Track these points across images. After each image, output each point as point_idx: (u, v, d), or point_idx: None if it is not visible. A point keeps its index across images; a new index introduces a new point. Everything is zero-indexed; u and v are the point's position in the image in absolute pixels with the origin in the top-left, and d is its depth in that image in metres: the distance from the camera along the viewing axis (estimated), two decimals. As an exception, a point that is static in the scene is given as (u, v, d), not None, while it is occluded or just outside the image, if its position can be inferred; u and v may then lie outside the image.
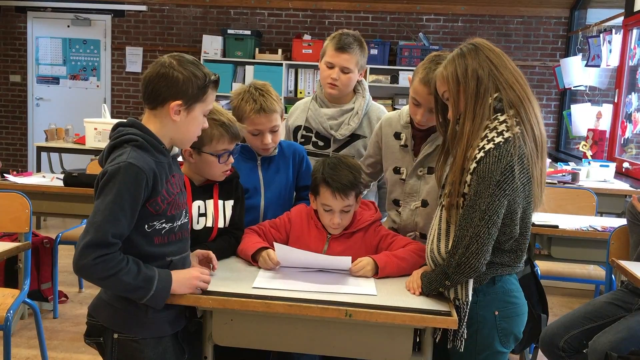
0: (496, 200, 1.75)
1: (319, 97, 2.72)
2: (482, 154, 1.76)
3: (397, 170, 2.37)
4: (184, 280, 1.81)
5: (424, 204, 2.29)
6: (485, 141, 1.78)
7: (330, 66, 2.59)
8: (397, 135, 2.38)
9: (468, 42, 1.90)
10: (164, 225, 1.78)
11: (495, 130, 1.79)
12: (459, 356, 1.90)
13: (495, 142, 1.76)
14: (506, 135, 1.77)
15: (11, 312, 2.67)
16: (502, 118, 1.81)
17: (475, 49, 1.86)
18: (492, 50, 1.87)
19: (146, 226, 1.74)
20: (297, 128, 2.74)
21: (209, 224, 2.18)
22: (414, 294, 1.91)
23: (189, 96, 1.76)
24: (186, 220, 1.90)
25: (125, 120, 1.81)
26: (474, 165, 1.77)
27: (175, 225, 1.82)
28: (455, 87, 1.86)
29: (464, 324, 1.83)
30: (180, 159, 2.07)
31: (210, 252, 2.02)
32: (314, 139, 2.71)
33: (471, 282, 1.83)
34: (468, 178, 1.79)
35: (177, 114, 1.76)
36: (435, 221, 1.93)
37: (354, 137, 2.67)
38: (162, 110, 1.77)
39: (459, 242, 1.80)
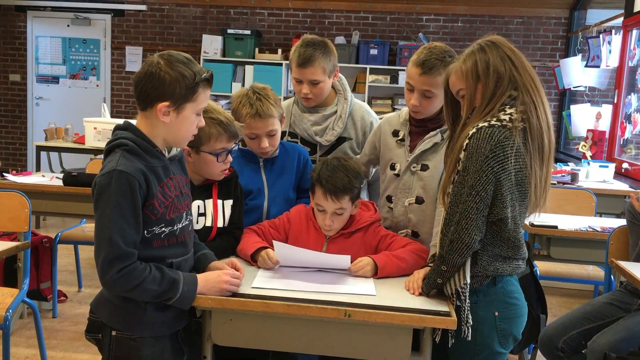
0: (483, 176, 1.74)
1: (299, 101, 2.66)
2: (474, 130, 1.77)
3: (392, 166, 2.37)
4: (213, 283, 1.82)
5: (419, 200, 2.29)
6: (482, 122, 1.79)
7: (299, 81, 2.53)
8: (395, 133, 2.38)
9: (485, 38, 1.88)
10: (163, 229, 1.78)
11: (495, 117, 1.79)
12: (458, 356, 1.90)
13: (491, 124, 1.76)
14: (505, 124, 1.77)
15: (10, 311, 2.67)
16: (509, 110, 1.80)
17: (495, 45, 1.84)
18: (512, 50, 1.85)
19: (145, 232, 1.74)
20: (282, 134, 2.66)
21: (208, 224, 2.18)
22: (413, 294, 1.92)
23: (176, 97, 1.72)
24: (187, 223, 1.89)
25: (122, 123, 1.81)
26: (466, 142, 1.78)
27: (175, 228, 1.82)
28: (474, 83, 1.84)
29: (468, 309, 1.83)
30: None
31: (237, 263, 1.99)
32: (299, 144, 2.67)
33: (468, 266, 1.83)
34: (462, 155, 1.80)
35: (166, 115, 1.73)
36: (442, 217, 1.94)
37: (339, 140, 2.64)
38: (152, 112, 1.74)
39: (450, 219, 1.81)
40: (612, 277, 3.03)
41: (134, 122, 1.81)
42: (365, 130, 2.67)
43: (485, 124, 1.77)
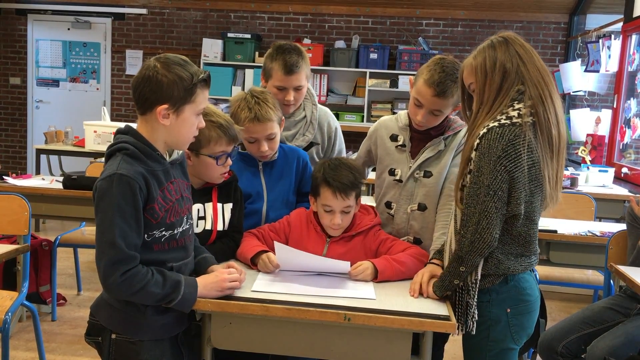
0: (498, 175, 1.77)
1: None
2: (485, 130, 1.80)
3: (392, 172, 2.36)
4: (213, 284, 1.82)
5: (422, 207, 2.29)
6: (492, 120, 1.82)
7: (282, 89, 2.52)
8: (393, 137, 2.37)
9: (499, 34, 1.92)
10: (163, 233, 1.78)
11: (505, 114, 1.82)
12: (471, 352, 1.94)
13: (501, 123, 1.79)
14: (514, 120, 1.80)
15: (9, 314, 2.67)
16: (517, 106, 1.83)
17: (506, 42, 1.88)
18: (523, 46, 1.88)
19: (146, 235, 1.74)
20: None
21: (208, 227, 2.18)
22: (413, 295, 1.93)
23: (175, 99, 1.72)
24: (188, 227, 1.89)
25: (123, 127, 1.81)
26: (477, 141, 1.81)
27: (176, 232, 1.82)
28: (482, 79, 1.87)
29: (475, 304, 1.85)
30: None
31: (236, 266, 1.99)
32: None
33: (480, 263, 1.85)
34: (473, 154, 1.83)
35: (166, 118, 1.74)
36: (452, 222, 1.95)
37: (308, 145, 2.64)
38: (152, 115, 1.74)
39: (469, 220, 1.82)
40: (611, 281, 3.03)
41: (135, 125, 1.81)
42: (331, 136, 2.69)
43: (496, 123, 1.80)
